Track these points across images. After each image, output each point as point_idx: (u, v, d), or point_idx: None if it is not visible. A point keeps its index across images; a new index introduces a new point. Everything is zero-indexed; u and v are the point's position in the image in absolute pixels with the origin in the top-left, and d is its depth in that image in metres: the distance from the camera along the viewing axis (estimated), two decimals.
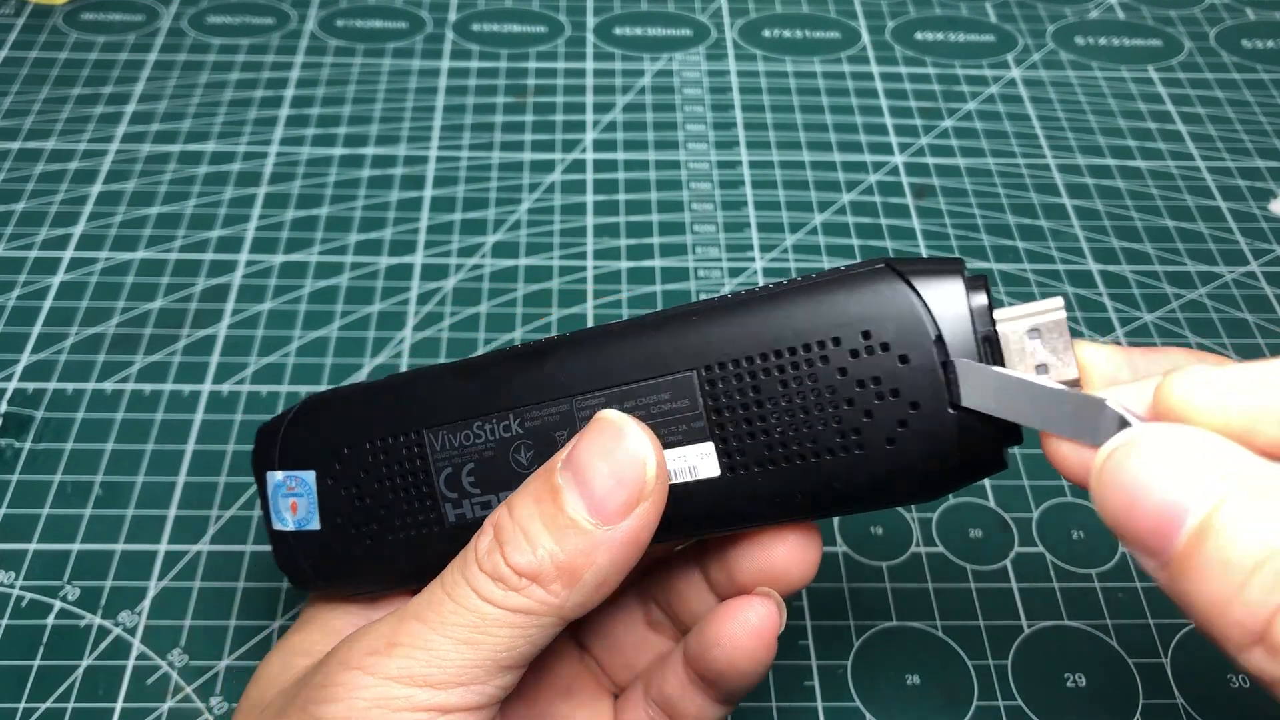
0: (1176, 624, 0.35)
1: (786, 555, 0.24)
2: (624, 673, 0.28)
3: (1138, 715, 0.32)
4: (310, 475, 0.27)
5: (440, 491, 0.25)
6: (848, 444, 0.22)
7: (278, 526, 0.27)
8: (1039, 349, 0.22)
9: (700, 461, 0.23)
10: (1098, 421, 0.20)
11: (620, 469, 0.21)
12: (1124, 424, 0.19)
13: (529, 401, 0.24)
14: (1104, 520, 0.17)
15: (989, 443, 0.22)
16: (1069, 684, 0.33)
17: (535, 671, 0.27)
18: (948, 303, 0.22)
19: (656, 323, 0.24)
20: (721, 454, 0.23)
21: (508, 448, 0.25)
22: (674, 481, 0.23)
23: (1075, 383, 0.21)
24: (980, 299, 0.22)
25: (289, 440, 0.27)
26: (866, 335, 0.22)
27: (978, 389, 0.22)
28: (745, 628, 0.24)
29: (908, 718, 0.32)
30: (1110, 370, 0.21)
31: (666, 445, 0.23)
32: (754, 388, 0.23)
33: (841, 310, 0.22)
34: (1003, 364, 0.22)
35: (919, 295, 0.22)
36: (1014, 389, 0.21)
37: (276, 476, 0.27)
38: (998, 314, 0.22)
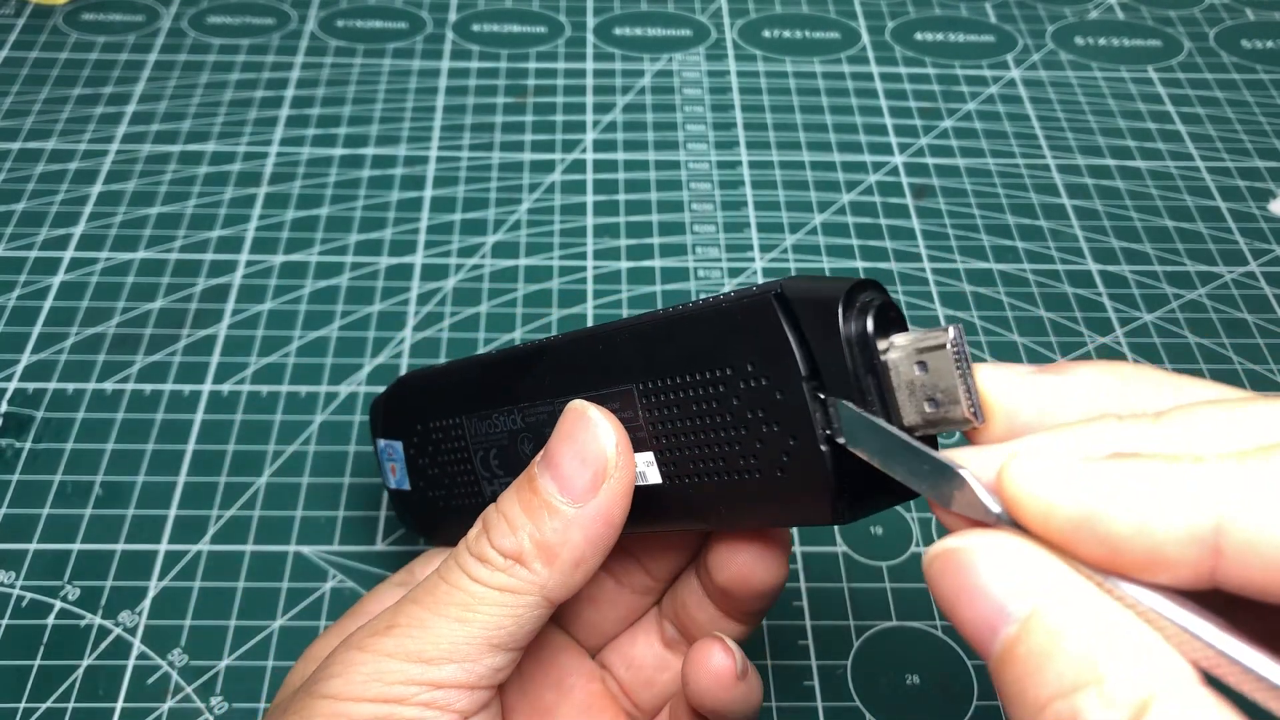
0: None
1: (749, 560, 0.25)
2: (645, 693, 0.28)
3: None
4: (399, 444, 0.31)
5: (478, 470, 0.28)
6: (749, 467, 0.23)
7: (387, 485, 0.32)
8: (928, 382, 0.20)
9: (648, 469, 0.24)
10: (951, 488, 0.19)
11: (583, 450, 0.23)
12: (974, 492, 0.18)
13: (525, 400, 0.27)
14: (935, 603, 0.18)
15: (873, 480, 0.21)
16: None
17: (557, 691, 0.28)
18: (825, 333, 0.21)
19: (609, 335, 0.25)
20: (660, 464, 0.24)
21: (515, 439, 0.27)
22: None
23: (962, 422, 0.20)
24: (860, 326, 0.21)
25: (387, 412, 0.31)
26: (752, 365, 0.22)
27: (854, 430, 0.21)
28: (704, 671, 0.25)
29: (908, 718, 0.32)
30: (1011, 403, 0.20)
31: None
32: (676, 405, 0.24)
33: (729, 341, 0.22)
34: (889, 397, 0.21)
35: (795, 327, 0.21)
36: (881, 436, 0.20)
37: (380, 443, 0.31)
38: (894, 339, 0.21)
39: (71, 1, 0.60)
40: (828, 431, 0.21)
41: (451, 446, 0.29)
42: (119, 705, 0.32)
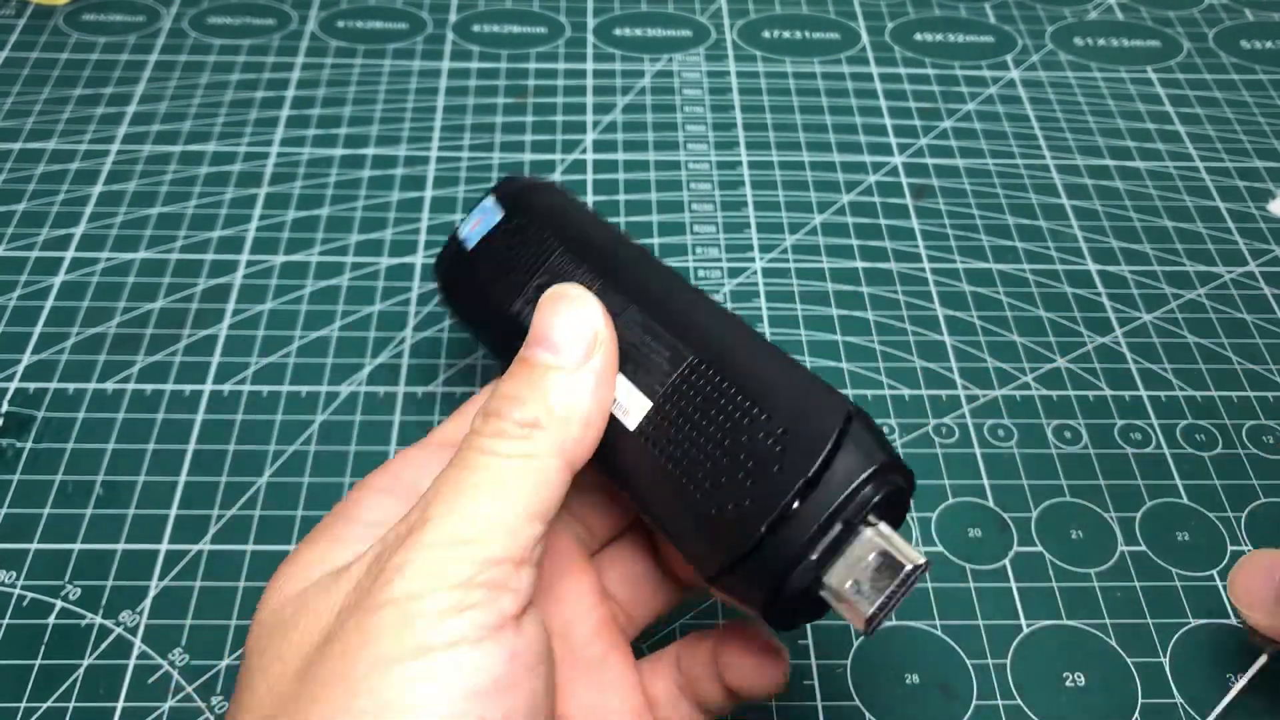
0: (1175, 623, 0.35)
1: (753, 668, 0.27)
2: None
3: (1136, 714, 0.33)
4: (499, 217, 0.31)
5: (528, 289, 0.29)
6: (703, 485, 0.24)
7: (458, 230, 0.32)
8: (869, 574, 0.22)
9: (632, 409, 0.26)
10: None
11: (572, 322, 0.25)
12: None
13: (609, 280, 0.28)
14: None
15: (764, 577, 0.23)
16: (1068, 683, 0.33)
17: (560, 579, 0.28)
18: (847, 472, 0.23)
19: (714, 308, 0.27)
20: (646, 419, 0.25)
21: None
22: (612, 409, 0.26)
23: (854, 625, 0.23)
24: (872, 494, 0.23)
25: (520, 190, 0.32)
26: (784, 431, 0.23)
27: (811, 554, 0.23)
28: (749, 667, 0.27)
29: (908, 717, 0.32)
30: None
31: (627, 375, 0.26)
32: (702, 396, 0.25)
33: (788, 401, 0.24)
34: (839, 549, 0.23)
35: (837, 446, 0.23)
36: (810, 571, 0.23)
37: (489, 201, 0.32)
38: (881, 525, 0.23)
39: (72, 2, 0.60)
40: (775, 523, 0.23)
41: (529, 254, 0.30)
42: (119, 705, 0.32)
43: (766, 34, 0.60)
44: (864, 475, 0.23)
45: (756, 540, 0.23)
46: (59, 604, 0.34)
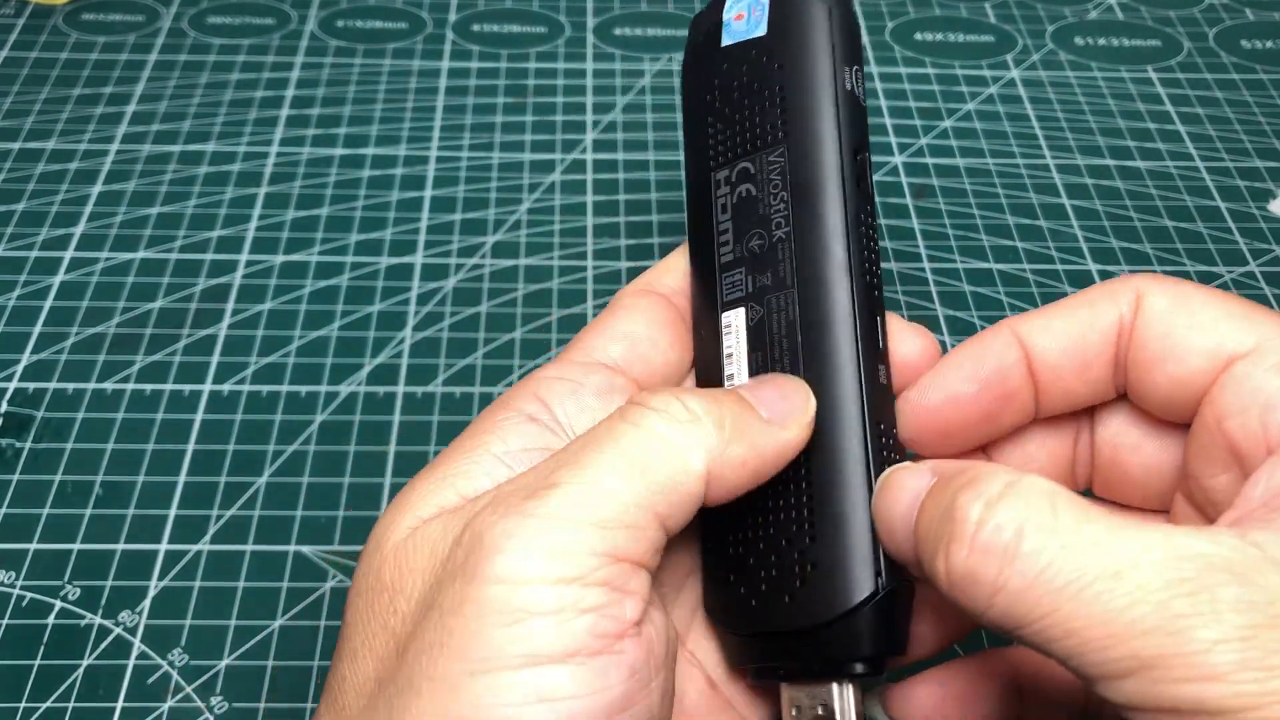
0: None
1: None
2: None
3: None
4: (761, 30, 0.26)
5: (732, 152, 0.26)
6: (740, 549, 0.24)
7: (725, 8, 0.27)
8: (805, 714, 0.24)
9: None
10: None
11: (789, 392, 0.23)
12: None
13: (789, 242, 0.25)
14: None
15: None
16: None
17: None
18: (841, 644, 0.23)
19: (862, 365, 0.24)
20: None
21: (759, 199, 0.26)
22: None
23: None
24: (850, 668, 0.23)
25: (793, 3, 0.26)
26: (814, 568, 0.23)
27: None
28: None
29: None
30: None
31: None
32: (784, 476, 0.24)
33: (840, 545, 0.23)
34: (804, 680, 0.24)
35: (845, 613, 0.23)
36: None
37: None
38: (845, 690, 0.23)
39: (71, 2, 0.60)
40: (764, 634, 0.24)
41: (751, 123, 0.26)
42: (119, 705, 0.32)
43: None
44: (854, 656, 0.23)
45: (750, 633, 0.24)
46: (58, 604, 0.34)
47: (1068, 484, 0.25)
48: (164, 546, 0.36)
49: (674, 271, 0.28)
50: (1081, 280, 0.46)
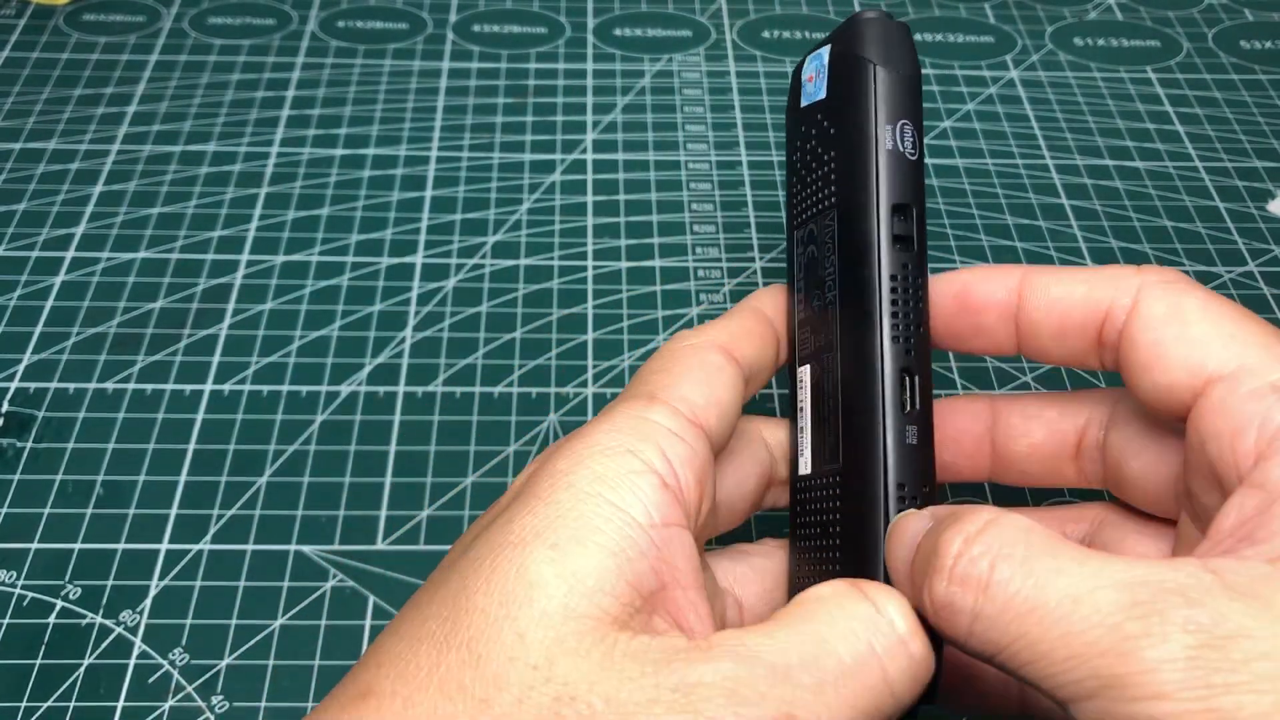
0: None
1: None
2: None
3: None
4: (822, 93, 0.27)
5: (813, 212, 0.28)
6: (798, 560, 0.27)
7: (803, 69, 0.29)
8: None
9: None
10: None
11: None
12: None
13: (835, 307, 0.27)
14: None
15: None
16: None
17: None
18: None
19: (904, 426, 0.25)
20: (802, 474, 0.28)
21: (817, 264, 0.28)
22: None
23: None
24: None
25: (847, 61, 0.27)
26: None
27: None
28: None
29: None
30: None
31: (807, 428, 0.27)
32: (822, 509, 0.26)
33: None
34: None
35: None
36: None
37: (824, 54, 0.28)
38: None
39: (73, 2, 0.60)
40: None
41: (813, 187, 0.28)
42: (120, 704, 0.32)
43: (766, 34, 0.60)
44: None
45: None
46: (59, 604, 0.34)
47: (1065, 469, 0.28)
48: (165, 546, 0.36)
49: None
50: None
